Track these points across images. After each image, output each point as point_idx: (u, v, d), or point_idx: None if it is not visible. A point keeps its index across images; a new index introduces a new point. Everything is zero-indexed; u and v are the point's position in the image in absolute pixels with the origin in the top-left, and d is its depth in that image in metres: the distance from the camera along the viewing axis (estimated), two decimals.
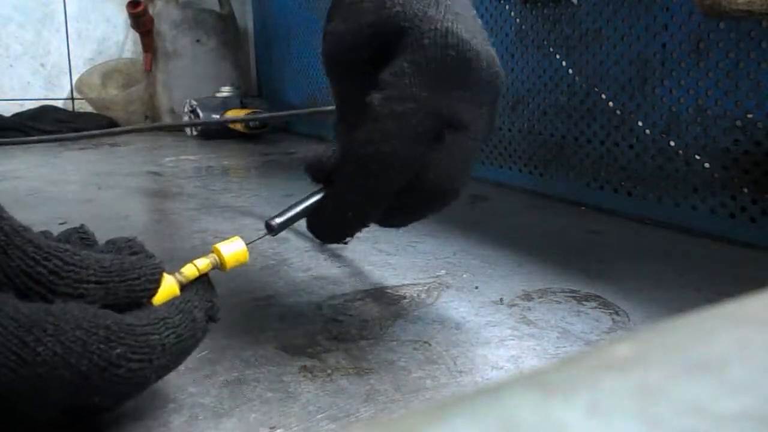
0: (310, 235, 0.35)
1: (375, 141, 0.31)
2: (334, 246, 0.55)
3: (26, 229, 0.24)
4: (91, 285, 0.24)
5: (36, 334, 0.22)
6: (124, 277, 0.25)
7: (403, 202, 0.33)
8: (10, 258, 0.23)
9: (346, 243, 0.36)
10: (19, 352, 0.21)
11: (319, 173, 0.34)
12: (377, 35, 0.32)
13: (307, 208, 0.33)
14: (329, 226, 0.34)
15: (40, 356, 0.22)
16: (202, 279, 0.29)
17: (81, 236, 0.28)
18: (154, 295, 0.26)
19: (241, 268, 0.32)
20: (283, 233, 0.58)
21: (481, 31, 0.33)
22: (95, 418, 0.28)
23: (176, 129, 1.55)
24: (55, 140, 1.19)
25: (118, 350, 0.23)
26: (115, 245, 0.28)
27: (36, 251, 0.23)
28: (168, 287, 0.27)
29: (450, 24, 0.31)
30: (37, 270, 0.23)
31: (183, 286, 0.28)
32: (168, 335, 0.25)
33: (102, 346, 0.23)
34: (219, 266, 0.30)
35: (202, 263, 0.29)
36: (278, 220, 0.32)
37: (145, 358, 0.24)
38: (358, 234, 0.35)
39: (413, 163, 0.32)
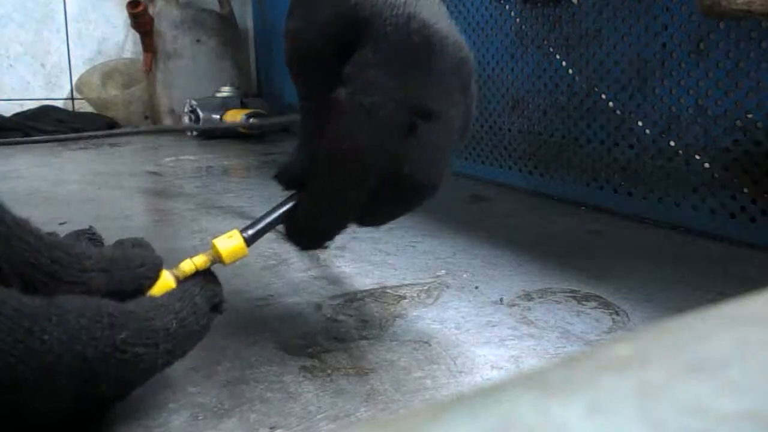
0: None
1: (346, 137, 0.30)
2: (334, 245, 0.55)
3: (27, 221, 0.24)
4: (94, 273, 0.25)
5: (41, 323, 0.22)
6: (127, 265, 0.26)
7: (380, 199, 0.32)
8: (14, 249, 0.23)
9: (326, 247, 0.35)
10: (25, 342, 0.22)
11: (291, 179, 0.33)
12: (339, 30, 0.31)
13: (280, 216, 0.32)
14: (307, 232, 0.33)
15: (46, 344, 0.22)
16: (205, 273, 0.29)
17: (89, 237, 0.29)
18: (154, 284, 0.27)
19: (241, 268, 0.32)
20: (283, 233, 0.58)
21: (446, 16, 0.32)
22: (94, 418, 0.28)
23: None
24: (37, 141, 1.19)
25: (122, 335, 0.23)
26: (122, 245, 0.28)
27: (38, 242, 0.24)
28: (164, 282, 0.27)
29: (412, 9, 0.30)
30: (41, 260, 0.24)
31: (179, 282, 0.28)
32: (170, 320, 0.25)
33: (106, 332, 0.23)
34: (218, 261, 0.30)
35: (199, 260, 0.29)
36: (250, 232, 0.31)
37: (150, 342, 0.24)
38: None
39: (386, 157, 0.30)
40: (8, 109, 1.62)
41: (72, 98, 1.76)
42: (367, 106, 0.29)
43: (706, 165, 0.58)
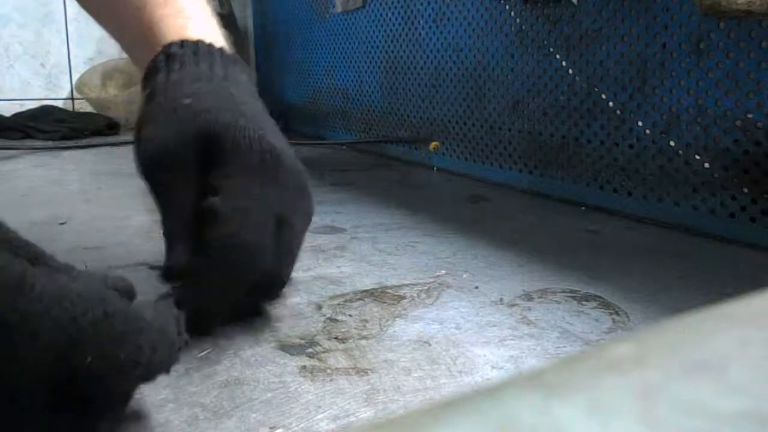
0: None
1: (233, 236, 0.34)
2: (334, 245, 0.55)
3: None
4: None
5: (35, 276, 0.23)
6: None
7: (249, 290, 0.37)
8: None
9: (209, 334, 0.37)
10: (17, 286, 0.22)
11: (178, 276, 0.35)
12: (196, 141, 0.36)
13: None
14: (200, 317, 0.34)
15: (35, 291, 0.22)
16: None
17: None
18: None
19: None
20: None
21: (279, 133, 0.39)
22: (92, 419, 0.28)
23: None
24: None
25: (111, 308, 0.24)
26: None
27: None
28: None
29: (261, 132, 0.36)
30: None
31: None
32: (155, 319, 0.27)
33: (97, 300, 0.24)
34: None
35: None
36: None
37: (136, 325, 0.25)
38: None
39: (266, 252, 0.35)
40: (8, 109, 1.62)
41: (72, 98, 1.76)
42: (242, 209, 0.35)
43: (706, 165, 0.58)
